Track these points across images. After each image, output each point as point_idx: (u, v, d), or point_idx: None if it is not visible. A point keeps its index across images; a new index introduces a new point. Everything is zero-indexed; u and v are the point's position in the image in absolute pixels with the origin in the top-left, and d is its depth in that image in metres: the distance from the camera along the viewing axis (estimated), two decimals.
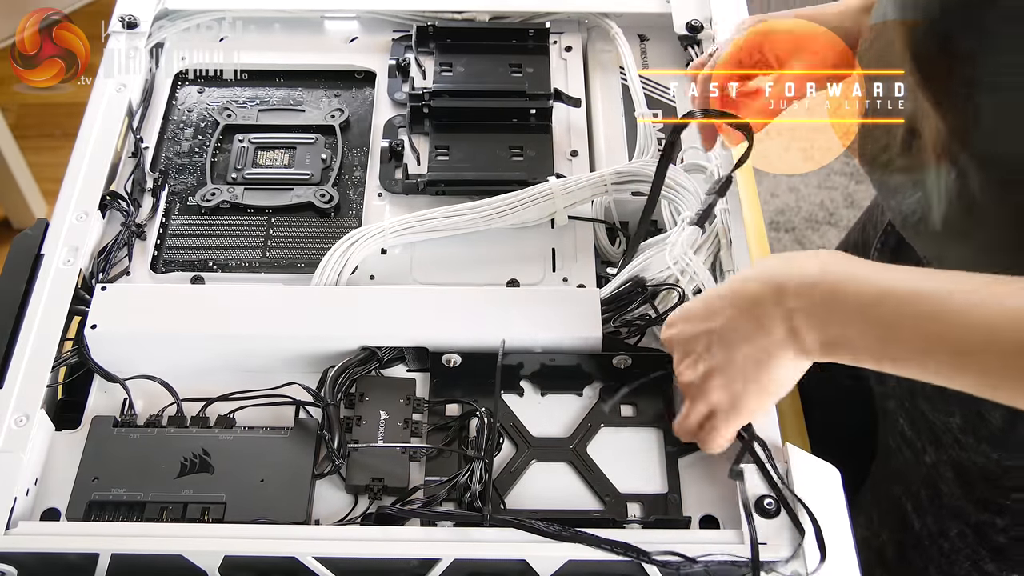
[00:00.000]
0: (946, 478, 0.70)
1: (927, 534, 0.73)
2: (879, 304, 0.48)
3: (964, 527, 0.70)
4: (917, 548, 0.74)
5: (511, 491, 0.62)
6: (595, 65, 0.86)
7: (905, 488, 0.74)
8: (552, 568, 0.56)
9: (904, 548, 0.76)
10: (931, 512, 0.72)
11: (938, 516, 0.71)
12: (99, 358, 0.65)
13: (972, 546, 0.70)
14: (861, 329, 0.49)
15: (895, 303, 0.48)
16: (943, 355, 0.47)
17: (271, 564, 0.57)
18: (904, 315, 0.48)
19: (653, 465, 0.63)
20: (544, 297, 0.67)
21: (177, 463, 0.61)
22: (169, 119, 0.82)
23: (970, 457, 0.67)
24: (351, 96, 0.84)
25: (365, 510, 0.60)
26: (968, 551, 0.71)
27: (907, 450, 0.73)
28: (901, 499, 0.75)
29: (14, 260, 0.69)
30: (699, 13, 0.85)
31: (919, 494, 0.73)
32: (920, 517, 0.73)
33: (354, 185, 0.78)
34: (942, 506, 0.71)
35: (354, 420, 0.63)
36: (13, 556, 0.56)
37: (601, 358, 0.65)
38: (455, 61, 0.84)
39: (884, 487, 0.78)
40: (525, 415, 0.65)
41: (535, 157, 0.78)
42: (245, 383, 0.65)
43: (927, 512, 0.72)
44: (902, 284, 0.49)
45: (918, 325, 0.47)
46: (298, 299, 0.67)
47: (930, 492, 0.72)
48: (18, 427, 0.61)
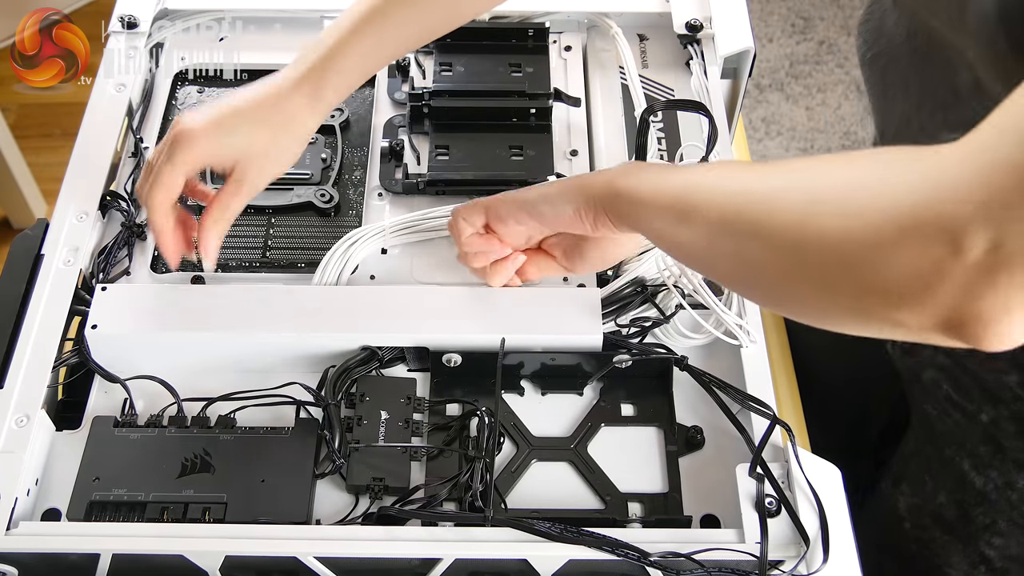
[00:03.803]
0: (1008, 432, 0.71)
1: (993, 488, 0.74)
2: (655, 198, 0.54)
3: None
4: (982, 504, 0.76)
5: (512, 491, 0.62)
6: (595, 65, 0.86)
7: (959, 448, 0.75)
8: (553, 568, 0.56)
9: (966, 506, 0.77)
10: (995, 467, 0.73)
11: (1003, 470, 0.72)
12: (99, 358, 0.65)
13: None
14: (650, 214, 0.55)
15: (677, 189, 0.53)
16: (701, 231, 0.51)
17: (272, 564, 0.57)
18: (671, 204, 0.53)
19: (654, 464, 0.63)
20: (544, 297, 0.67)
21: (178, 463, 0.61)
22: (169, 119, 0.82)
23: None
24: (351, 96, 0.84)
25: (366, 510, 0.60)
26: None
27: (955, 413, 0.74)
28: (955, 460, 0.76)
29: (14, 260, 0.69)
30: (699, 13, 0.85)
31: (978, 452, 0.74)
32: (982, 473, 0.74)
33: (354, 185, 0.78)
34: (1007, 459, 0.72)
35: (355, 420, 0.63)
36: (14, 556, 0.56)
37: (602, 357, 0.65)
38: (455, 61, 0.84)
39: (931, 452, 0.79)
40: (526, 415, 0.65)
41: (535, 157, 0.78)
42: (245, 383, 0.65)
43: (990, 467, 0.73)
44: (685, 176, 0.54)
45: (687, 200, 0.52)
46: (298, 299, 0.67)
47: (991, 448, 0.73)
48: (19, 427, 0.61)
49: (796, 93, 2.08)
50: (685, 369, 0.65)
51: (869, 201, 0.44)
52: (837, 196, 0.45)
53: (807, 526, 0.56)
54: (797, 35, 2.18)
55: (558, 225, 0.62)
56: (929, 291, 0.41)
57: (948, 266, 0.40)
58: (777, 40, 2.17)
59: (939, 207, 0.41)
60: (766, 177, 0.50)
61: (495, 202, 0.63)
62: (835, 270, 0.45)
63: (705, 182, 0.52)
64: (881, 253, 0.43)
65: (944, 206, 0.41)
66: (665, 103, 0.78)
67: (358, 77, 0.69)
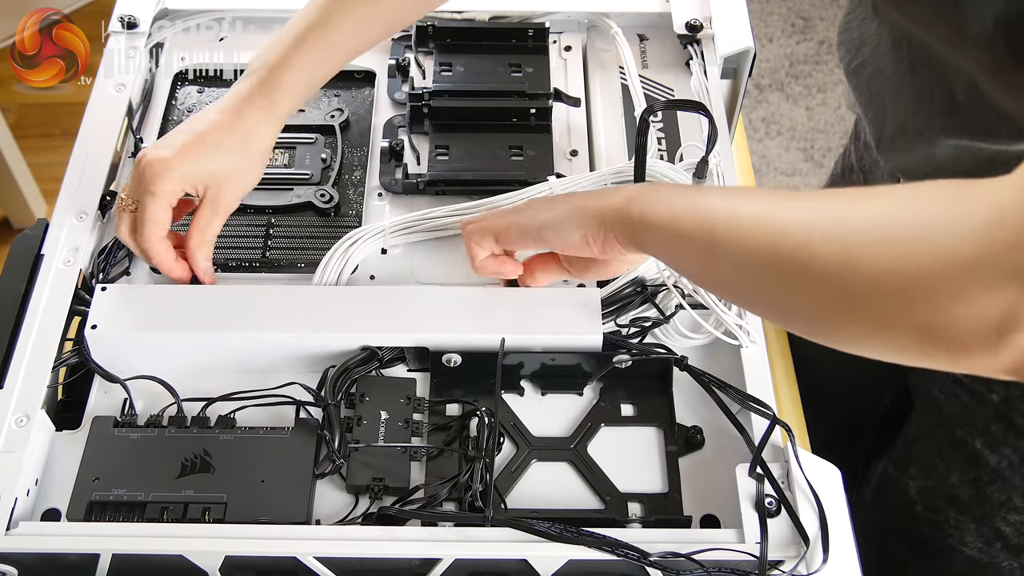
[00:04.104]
0: (1020, 410, 0.71)
1: (1008, 465, 0.74)
2: (674, 224, 0.52)
3: None
4: (996, 482, 0.76)
5: (512, 491, 0.62)
6: (595, 65, 0.86)
7: (971, 428, 0.75)
8: (553, 568, 0.56)
9: (980, 484, 0.77)
10: (1009, 443, 0.73)
11: (1017, 446, 0.73)
12: (99, 358, 0.65)
13: None
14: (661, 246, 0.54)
15: (692, 221, 0.51)
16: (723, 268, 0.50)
17: (272, 564, 0.57)
18: (692, 233, 0.51)
19: (654, 464, 0.63)
20: (544, 297, 0.67)
21: (178, 463, 0.61)
22: (169, 119, 0.82)
23: None
24: (351, 96, 0.84)
25: (366, 510, 0.60)
26: None
27: (964, 394, 0.74)
28: (967, 440, 0.76)
29: (14, 260, 0.69)
30: (699, 13, 0.85)
31: (990, 430, 0.74)
32: (996, 451, 0.74)
33: (354, 185, 0.78)
34: (1020, 436, 0.72)
35: (354, 420, 0.63)
36: (14, 556, 0.56)
37: (602, 357, 0.65)
38: (455, 61, 0.84)
39: (941, 435, 0.79)
40: (525, 415, 0.65)
41: (535, 157, 0.78)
42: (245, 383, 0.65)
43: (1003, 444, 0.73)
44: (696, 203, 0.52)
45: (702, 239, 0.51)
46: (298, 299, 0.67)
47: (1002, 426, 0.73)
48: (18, 427, 0.61)
49: (796, 93, 2.08)
50: (685, 369, 0.65)
51: (917, 239, 0.41)
52: (877, 231, 0.43)
53: (807, 526, 0.56)
54: (797, 35, 2.18)
55: (565, 250, 0.63)
56: (1002, 340, 0.39)
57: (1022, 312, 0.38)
58: (777, 40, 2.17)
59: (1007, 248, 0.38)
60: (794, 207, 0.47)
61: (503, 229, 0.63)
62: (890, 310, 0.42)
63: (728, 210, 0.50)
64: (943, 296, 0.40)
65: (1013, 247, 0.38)
66: (665, 103, 0.79)
67: (313, 83, 0.71)
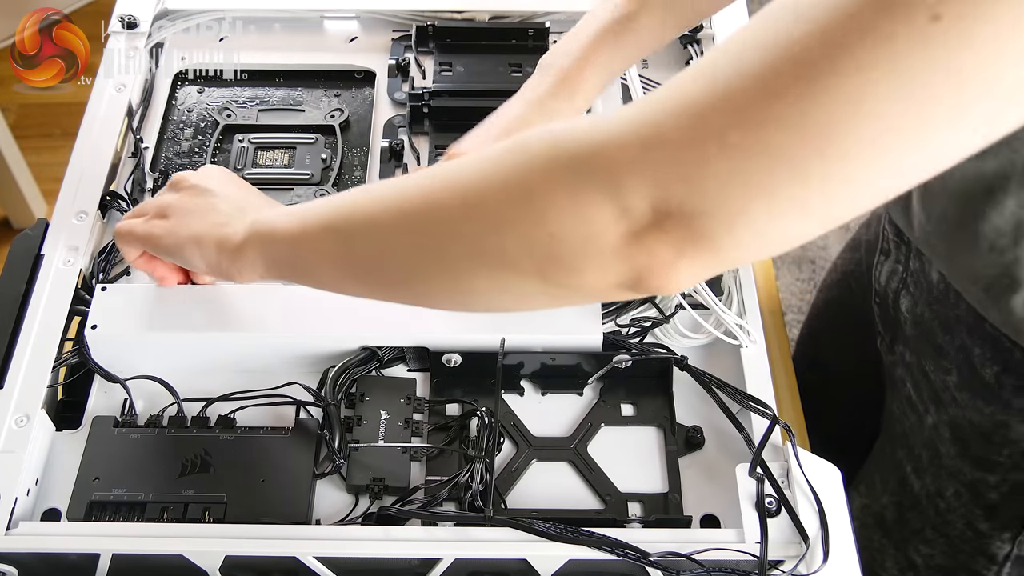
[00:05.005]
0: (944, 438, 0.70)
1: (925, 495, 0.73)
2: (304, 228, 0.54)
3: (960, 486, 0.70)
4: (915, 509, 0.75)
5: (512, 491, 0.62)
6: None
7: (908, 451, 0.75)
8: (553, 568, 0.56)
9: (902, 509, 0.76)
10: (930, 472, 0.72)
11: (936, 476, 0.72)
12: (99, 358, 0.65)
13: (967, 505, 0.71)
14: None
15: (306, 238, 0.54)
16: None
17: (272, 564, 0.57)
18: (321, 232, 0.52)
19: (654, 464, 0.63)
20: None
21: (178, 463, 0.61)
22: (169, 119, 0.82)
23: (965, 414, 0.67)
24: (351, 96, 0.84)
25: (366, 510, 0.60)
26: (963, 510, 0.71)
27: (912, 414, 0.73)
28: (903, 462, 0.75)
29: (14, 260, 0.69)
30: None
31: (920, 456, 0.73)
32: (920, 478, 0.73)
33: (354, 185, 0.78)
34: (941, 466, 0.71)
35: (355, 420, 0.63)
36: (14, 556, 0.56)
37: (602, 357, 0.65)
38: (455, 61, 0.84)
39: (888, 452, 0.79)
40: (525, 414, 0.65)
41: None
42: (245, 383, 0.65)
43: (926, 472, 0.73)
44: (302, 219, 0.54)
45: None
46: (298, 299, 0.67)
47: (930, 453, 0.72)
48: (18, 427, 0.61)
49: None
50: (685, 369, 0.65)
51: (514, 166, 0.40)
52: (490, 173, 0.42)
53: (807, 526, 0.56)
54: None
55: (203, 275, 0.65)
56: (615, 253, 0.38)
57: (615, 222, 0.38)
58: None
59: (598, 152, 0.38)
60: (413, 177, 0.48)
61: (146, 239, 0.63)
62: (509, 246, 0.41)
63: (348, 199, 0.51)
64: (548, 215, 0.39)
65: (603, 151, 0.37)
66: None
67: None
